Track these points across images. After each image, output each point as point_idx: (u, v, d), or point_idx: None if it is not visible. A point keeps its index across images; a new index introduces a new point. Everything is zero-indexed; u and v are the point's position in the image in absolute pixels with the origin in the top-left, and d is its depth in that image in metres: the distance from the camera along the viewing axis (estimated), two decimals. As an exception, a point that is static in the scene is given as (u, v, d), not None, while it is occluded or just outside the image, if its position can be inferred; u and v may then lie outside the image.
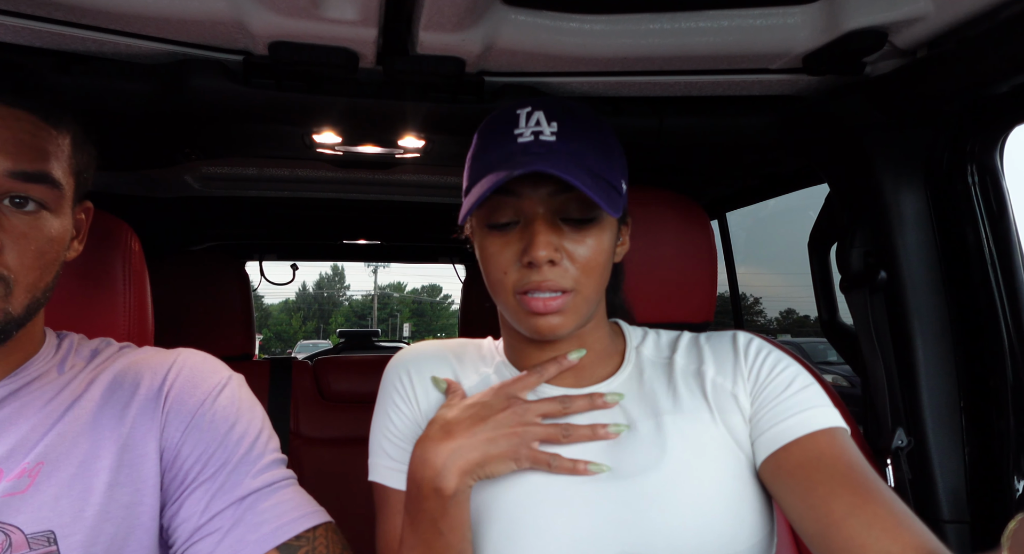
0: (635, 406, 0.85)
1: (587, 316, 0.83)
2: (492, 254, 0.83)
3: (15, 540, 0.69)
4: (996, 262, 1.09)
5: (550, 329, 0.81)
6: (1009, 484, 1.06)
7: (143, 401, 0.80)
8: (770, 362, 0.86)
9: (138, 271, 1.04)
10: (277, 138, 1.54)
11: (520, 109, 0.82)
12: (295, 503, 0.79)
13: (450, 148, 1.57)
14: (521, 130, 0.81)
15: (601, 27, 0.95)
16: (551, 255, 0.78)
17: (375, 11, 0.87)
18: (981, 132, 1.09)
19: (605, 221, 0.82)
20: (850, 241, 1.21)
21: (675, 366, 0.88)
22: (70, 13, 0.89)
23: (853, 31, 0.91)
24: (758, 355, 0.87)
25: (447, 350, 0.95)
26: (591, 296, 0.82)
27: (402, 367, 0.92)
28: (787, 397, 0.82)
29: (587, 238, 0.80)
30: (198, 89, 1.03)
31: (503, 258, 0.82)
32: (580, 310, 0.81)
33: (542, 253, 0.77)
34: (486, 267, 0.84)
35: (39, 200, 0.74)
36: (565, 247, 0.80)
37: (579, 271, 0.80)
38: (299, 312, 53.42)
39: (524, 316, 0.81)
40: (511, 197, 0.81)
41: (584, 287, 0.81)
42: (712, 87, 1.13)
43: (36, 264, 0.75)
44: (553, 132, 0.80)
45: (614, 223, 0.84)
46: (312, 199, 2.21)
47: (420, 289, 59.98)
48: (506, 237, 0.82)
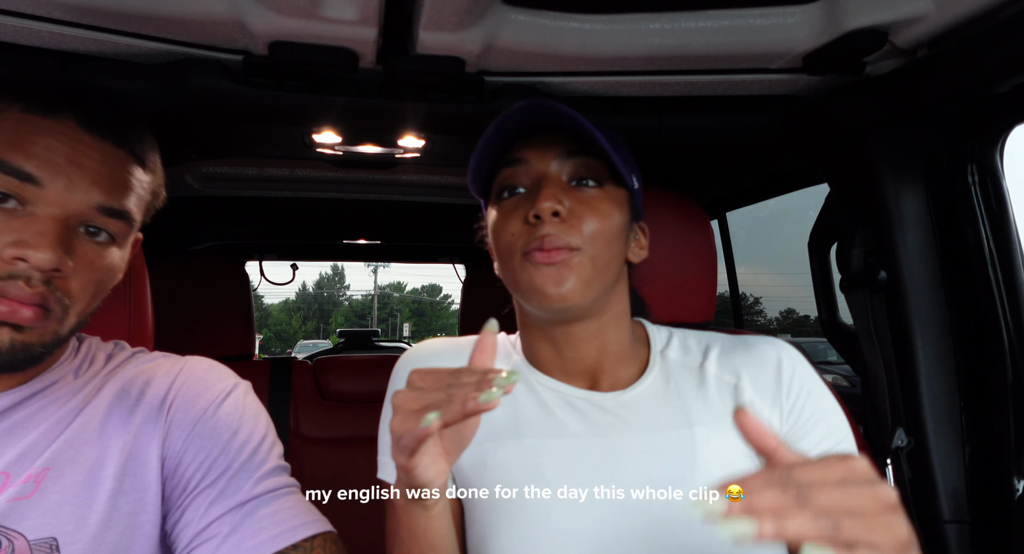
0: (663, 412, 0.83)
1: (595, 288, 0.80)
2: (501, 220, 0.83)
3: (18, 546, 0.69)
4: (996, 262, 1.09)
5: (555, 282, 0.78)
6: (1009, 484, 1.05)
7: (147, 409, 0.80)
8: (813, 398, 0.84)
9: (138, 271, 1.04)
10: (277, 138, 1.54)
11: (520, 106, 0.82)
12: (295, 511, 0.79)
13: (450, 148, 1.57)
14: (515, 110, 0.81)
15: (601, 27, 0.95)
16: (556, 206, 0.77)
17: (375, 11, 0.87)
18: (981, 132, 1.08)
19: (614, 193, 0.83)
20: (850, 241, 1.21)
21: (707, 374, 0.86)
22: (70, 13, 0.89)
23: (853, 31, 0.91)
24: (803, 388, 0.84)
25: (460, 348, 0.92)
26: (598, 260, 0.80)
27: (413, 365, 0.88)
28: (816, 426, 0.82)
29: (596, 202, 0.81)
30: (198, 89, 1.03)
31: (512, 222, 0.81)
32: (585, 272, 0.79)
33: (546, 204, 0.77)
34: (496, 238, 0.83)
35: (112, 233, 0.77)
36: (572, 207, 0.80)
37: (586, 231, 0.79)
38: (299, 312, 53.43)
39: (530, 278, 0.79)
40: (519, 165, 0.82)
41: (590, 247, 0.79)
42: (712, 87, 1.13)
43: (95, 291, 0.77)
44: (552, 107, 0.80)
45: (623, 200, 0.84)
46: (312, 199, 2.21)
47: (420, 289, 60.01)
48: (515, 203, 0.82)
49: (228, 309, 2.05)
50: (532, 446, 0.81)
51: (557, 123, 0.81)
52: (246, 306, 2.09)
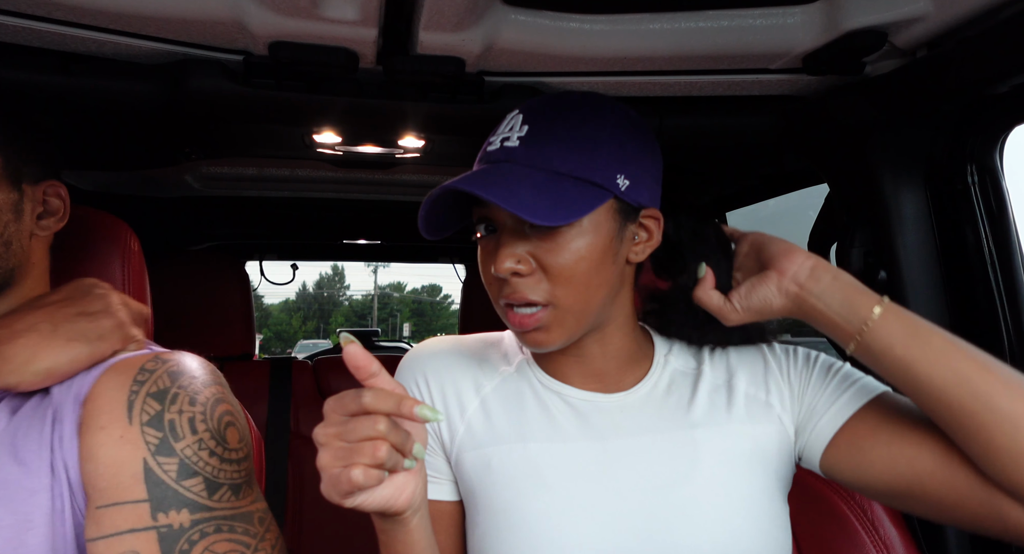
0: (664, 414, 0.83)
1: (582, 327, 0.79)
2: (481, 258, 0.82)
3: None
4: (996, 262, 1.09)
5: (536, 344, 0.78)
6: (1009, 484, 1.05)
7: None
8: (801, 359, 0.87)
9: (138, 271, 1.03)
10: (277, 138, 1.54)
11: (511, 112, 0.81)
12: None
13: (450, 148, 1.57)
14: (495, 136, 0.80)
15: (601, 27, 0.95)
16: (513, 267, 0.75)
17: (375, 11, 0.87)
18: (981, 132, 1.08)
19: (587, 222, 0.75)
20: (850, 241, 1.21)
21: (703, 377, 0.86)
22: (70, 13, 0.89)
23: (853, 31, 0.91)
24: (787, 358, 0.87)
25: (466, 349, 0.90)
26: (574, 307, 0.76)
27: (417, 369, 0.87)
28: (833, 376, 0.83)
29: (561, 244, 0.74)
30: (198, 89, 1.03)
31: (486, 268, 0.80)
32: (566, 322, 0.77)
33: (504, 265, 0.74)
34: (481, 274, 0.83)
35: None
36: (535, 256, 0.75)
37: (552, 282, 0.75)
38: (299, 312, 53.39)
39: (514, 332, 0.80)
40: (480, 207, 0.79)
41: (561, 299, 0.75)
42: (712, 87, 1.13)
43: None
44: (520, 137, 0.77)
45: (605, 222, 0.76)
46: (312, 199, 2.20)
47: (420, 289, 59.97)
48: (487, 245, 0.80)
49: (228, 309, 2.05)
50: (535, 450, 0.81)
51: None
52: (246, 306, 2.10)
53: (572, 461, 0.80)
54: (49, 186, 0.88)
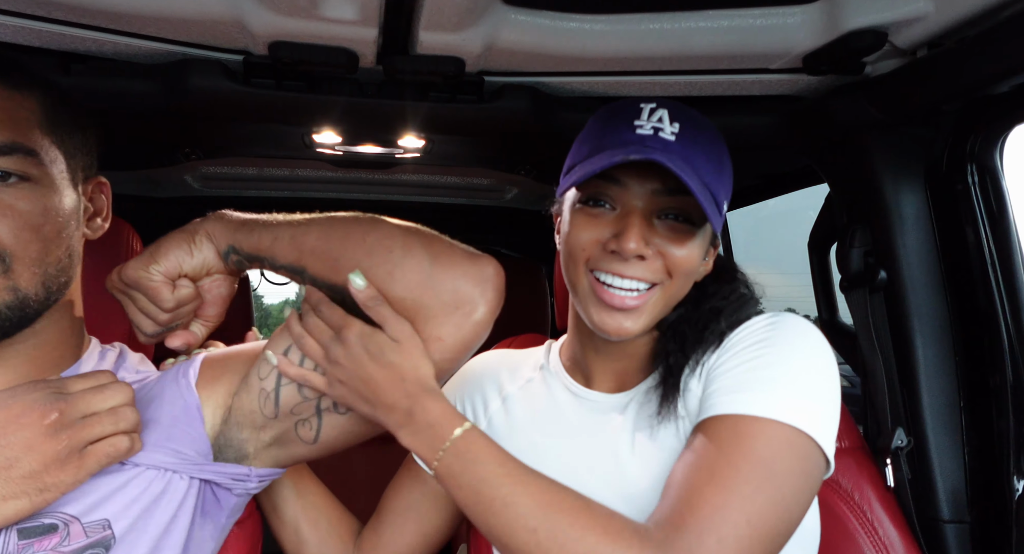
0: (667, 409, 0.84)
1: (658, 318, 0.83)
2: (577, 229, 0.83)
3: (72, 529, 0.71)
4: (996, 262, 1.09)
5: (617, 328, 0.80)
6: (1009, 484, 1.05)
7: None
8: (749, 338, 0.82)
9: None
10: (277, 138, 1.54)
11: (645, 103, 0.83)
12: None
13: (450, 148, 1.57)
14: (642, 123, 0.81)
15: (601, 27, 0.95)
16: (641, 249, 0.78)
17: (375, 11, 0.87)
18: (981, 132, 1.08)
19: (699, 233, 0.82)
20: (850, 241, 1.21)
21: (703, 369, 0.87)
22: (70, 13, 0.88)
23: (853, 31, 0.91)
24: (745, 329, 0.84)
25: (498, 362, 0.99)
26: (675, 295, 0.82)
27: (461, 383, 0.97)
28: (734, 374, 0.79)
29: (684, 240, 0.81)
30: (198, 89, 1.03)
31: (586, 236, 0.82)
32: (656, 309, 0.82)
33: (632, 245, 0.77)
34: (567, 241, 0.85)
35: (19, 173, 0.72)
36: (657, 244, 0.80)
37: (668, 269, 0.80)
38: (299, 312, 53.31)
39: (594, 301, 0.81)
40: (615, 185, 0.81)
41: (670, 284, 0.81)
42: (712, 87, 1.13)
43: (34, 238, 0.72)
44: (674, 132, 0.80)
45: (707, 239, 0.85)
46: (312, 199, 2.20)
47: (420, 289, 59.81)
48: (596, 218, 0.82)
49: (228, 309, 2.04)
50: (543, 444, 0.86)
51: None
52: (246, 306, 2.09)
53: (577, 455, 0.84)
54: (95, 183, 0.85)
